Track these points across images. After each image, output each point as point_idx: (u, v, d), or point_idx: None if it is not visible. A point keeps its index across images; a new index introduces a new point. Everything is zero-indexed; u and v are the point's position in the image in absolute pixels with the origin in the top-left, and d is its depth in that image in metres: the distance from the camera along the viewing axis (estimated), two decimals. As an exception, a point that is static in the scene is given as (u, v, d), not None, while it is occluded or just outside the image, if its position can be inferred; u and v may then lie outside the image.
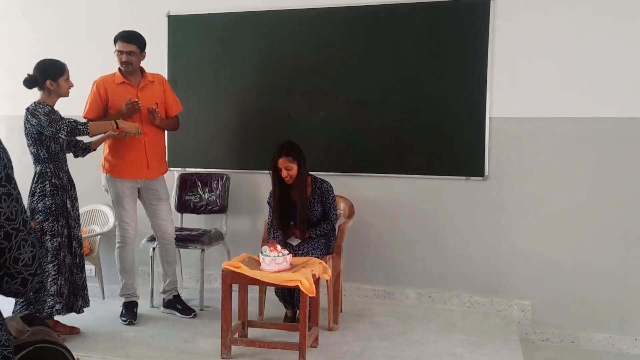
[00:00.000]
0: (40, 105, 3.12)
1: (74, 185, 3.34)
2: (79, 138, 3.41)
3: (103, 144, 3.54)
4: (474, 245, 3.79)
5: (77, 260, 3.27)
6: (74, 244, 3.24)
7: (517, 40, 3.63)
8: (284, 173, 3.33)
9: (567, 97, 3.57)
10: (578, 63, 3.53)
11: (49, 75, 3.17)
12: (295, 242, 3.38)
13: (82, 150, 3.46)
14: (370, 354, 3.03)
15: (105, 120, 3.37)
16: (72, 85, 3.25)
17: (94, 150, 3.51)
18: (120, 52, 3.41)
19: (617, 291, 3.53)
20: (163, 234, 3.65)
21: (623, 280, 3.53)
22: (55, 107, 3.21)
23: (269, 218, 3.53)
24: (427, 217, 3.87)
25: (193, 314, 3.61)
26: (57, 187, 3.18)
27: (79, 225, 3.35)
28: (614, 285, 3.54)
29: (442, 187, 3.83)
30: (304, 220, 3.37)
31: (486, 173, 3.73)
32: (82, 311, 3.30)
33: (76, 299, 3.25)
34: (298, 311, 3.36)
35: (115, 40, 3.42)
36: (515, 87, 3.65)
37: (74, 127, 3.11)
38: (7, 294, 1.22)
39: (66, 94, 3.25)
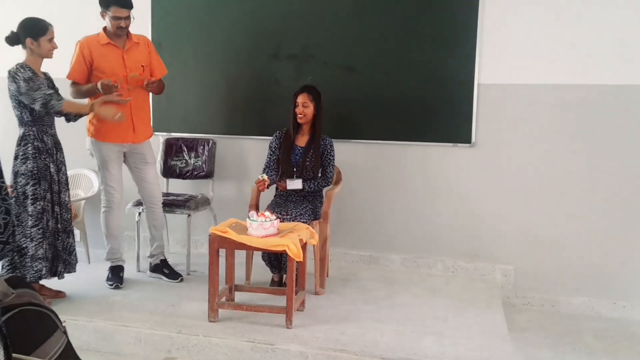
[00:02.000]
0: (22, 70, 3.05)
1: (60, 149, 3.28)
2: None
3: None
4: (459, 212, 3.82)
5: (60, 225, 3.23)
6: (56, 209, 3.20)
7: (507, 6, 3.58)
8: (300, 109, 3.41)
9: (555, 65, 3.56)
10: (567, 30, 3.51)
11: (29, 33, 3.08)
12: (299, 184, 3.41)
13: (74, 115, 3.36)
14: (355, 317, 3.08)
15: (89, 85, 3.34)
16: (56, 47, 3.17)
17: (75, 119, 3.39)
18: (116, 18, 3.30)
19: (597, 256, 3.61)
20: (150, 197, 3.62)
21: (603, 246, 3.59)
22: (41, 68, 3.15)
23: (267, 159, 3.55)
24: (413, 183, 3.89)
25: (180, 278, 3.63)
26: (39, 150, 3.12)
27: (66, 189, 3.30)
28: (594, 251, 3.61)
29: (429, 153, 3.84)
30: (312, 166, 3.45)
31: (473, 140, 3.73)
32: (63, 276, 3.28)
33: (58, 264, 3.23)
34: (285, 275, 3.39)
35: (108, 4, 3.29)
36: (504, 53, 3.62)
37: (48, 102, 3.05)
38: None
39: (48, 55, 3.16)
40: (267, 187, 3.36)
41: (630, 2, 3.40)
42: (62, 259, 3.25)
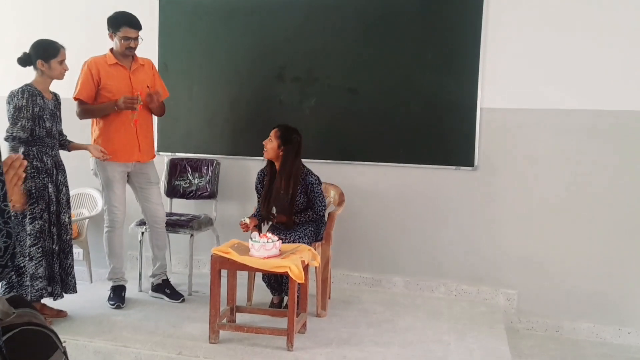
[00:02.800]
0: (19, 96, 3.09)
1: (62, 170, 3.29)
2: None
3: (93, 127, 3.50)
4: (462, 235, 3.82)
5: (58, 246, 3.21)
6: (53, 229, 3.18)
7: (510, 30, 3.62)
8: (265, 141, 3.36)
9: (557, 89, 3.58)
10: (570, 55, 3.54)
11: (40, 55, 3.14)
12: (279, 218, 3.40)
13: (60, 144, 3.34)
14: (357, 340, 3.06)
15: (106, 103, 3.39)
16: (67, 69, 3.23)
17: (69, 151, 3.38)
18: (126, 38, 3.36)
19: (601, 282, 3.58)
20: (154, 217, 3.63)
21: (607, 271, 3.57)
22: (51, 88, 3.23)
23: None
24: (416, 205, 3.89)
25: (181, 298, 3.62)
26: (38, 170, 3.13)
27: (67, 210, 3.28)
28: (598, 276, 3.58)
29: (431, 176, 3.84)
30: (285, 206, 3.36)
31: (476, 163, 3.74)
32: (62, 296, 3.25)
33: (54, 284, 3.20)
34: (285, 297, 3.38)
35: (119, 25, 3.36)
36: (506, 78, 3.65)
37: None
38: None
39: (59, 77, 3.22)
40: (256, 227, 3.37)
41: (634, 26, 3.43)
42: (58, 280, 3.22)
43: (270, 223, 3.47)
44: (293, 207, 3.37)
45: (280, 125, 3.40)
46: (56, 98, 3.30)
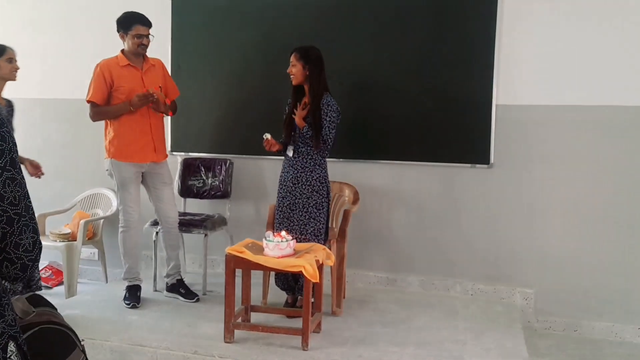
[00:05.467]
0: None
1: None
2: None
3: (107, 129, 3.50)
4: (478, 233, 3.78)
5: None
6: None
7: (525, 26, 3.58)
8: (289, 68, 3.31)
9: (573, 85, 3.54)
10: (586, 50, 3.49)
11: None
12: (290, 152, 3.35)
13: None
14: (373, 339, 3.04)
15: (119, 105, 3.39)
16: (17, 68, 3.21)
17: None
18: (139, 36, 3.39)
19: (621, 280, 3.53)
20: (166, 218, 3.64)
21: (626, 270, 3.52)
22: (4, 91, 3.17)
23: None
24: (431, 204, 3.86)
25: (196, 298, 3.62)
26: None
27: None
28: (617, 274, 3.53)
29: (447, 174, 3.81)
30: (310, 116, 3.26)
31: (491, 161, 3.70)
32: None
33: None
34: (299, 297, 3.36)
35: (131, 23, 3.39)
36: (522, 74, 3.61)
37: None
38: (7, 278, 1.21)
39: (9, 77, 3.20)
40: (279, 147, 3.34)
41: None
42: None
43: (293, 146, 3.37)
44: (319, 123, 3.24)
45: (295, 48, 3.33)
46: (10, 105, 3.29)
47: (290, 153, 3.35)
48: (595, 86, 3.50)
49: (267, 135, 3.33)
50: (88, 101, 3.44)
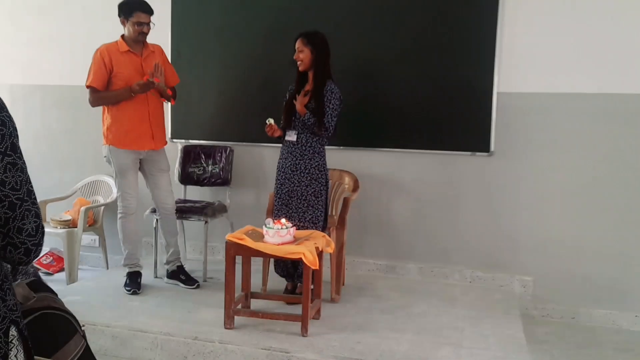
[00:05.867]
0: None
1: None
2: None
3: (105, 115, 3.51)
4: (477, 221, 3.79)
5: None
6: None
7: (526, 14, 3.56)
8: (296, 55, 3.29)
9: (574, 73, 3.53)
10: (586, 38, 3.48)
11: None
12: (293, 136, 3.35)
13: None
14: (372, 326, 3.06)
15: (120, 90, 3.39)
16: None
17: None
18: (139, 24, 3.38)
19: (618, 268, 3.54)
20: (164, 205, 3.65)
21: (624, 258, 3.53)
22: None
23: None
24: (431, 191, 3.86)
25: (196, 284, 3.64)
26: None
27: None
28: (615, 262, 3.55)
29: (447, 162, 3.81)
30: (310, 101, 3.25)
31: (492, 149, 3.70)
32: None
33: None
34: (299, 284, 3.38)
35: (132, 10, 3.37)
36: (523, 62, 3.60)
37: None
38: (11, 262, 1.21)
39: None
40: (281, 133, 3.35)
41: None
42: None
43: (294, 130, 3.35)
44: (322, 110, 3.23)
45: (301, 33, 3.30)
46: None
47: (293, 138, 3.35)
48: (596, 74, 3.49)
49: (270, 120, 3.32)
50: (88, 86, 3.43)
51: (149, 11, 3.41)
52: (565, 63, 3.53)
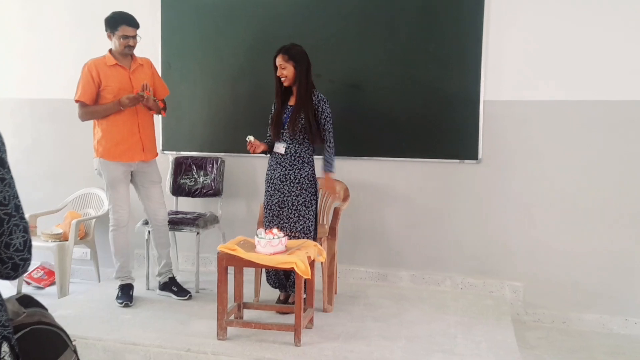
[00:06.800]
0: None
1: None
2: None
3: (96, 129, 3.51)
4: (467, 228, 3.82)
5: None
6: None
7: (512, 23, 3.61)
8: (279, 72, 3.29)
9: (561, 81, 3.57)
10: (574, 45, 3.53)
11: None
12: (281, 149, 3.34)
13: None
14: (364, 334, 3.07)
15: (108, 104, 3.39)
16: None
17: None
18: (125, 37, 3.40)
19: (608, 273, 3.58)
20: (155, 216, 3.65)
21: (613, 262, 3.57)
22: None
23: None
24: (420, 199, 3.89)
25: (188, 295, 3.64)
26: None
27: None
28: (604, 267, 3.58)
29: (435, 170, 3.84)
30: (295, 120, 3.26)
31: (480, 156, 3.74)
32: None
33: None
34: (291, 294, 3.39)
35: (117, 24, 3.39)
36: (510, 69, 3.64)
37: None
38: None
39: None
40: (264, 148, 3.34)
41: (637, 15, 3.41)
42: None
43: (282, 143, 3.36)
44: (311, 126, 3.26)
45: (281, 48, 3.28)
46: None
47: (281, 150, 3.36)
48: (583, 82, 3.54)
49: (250, 138, 3.32)
50: (76, 101, 3.44)
51: (135, 25, 3.42)
52: (550, 71, 3.58)
